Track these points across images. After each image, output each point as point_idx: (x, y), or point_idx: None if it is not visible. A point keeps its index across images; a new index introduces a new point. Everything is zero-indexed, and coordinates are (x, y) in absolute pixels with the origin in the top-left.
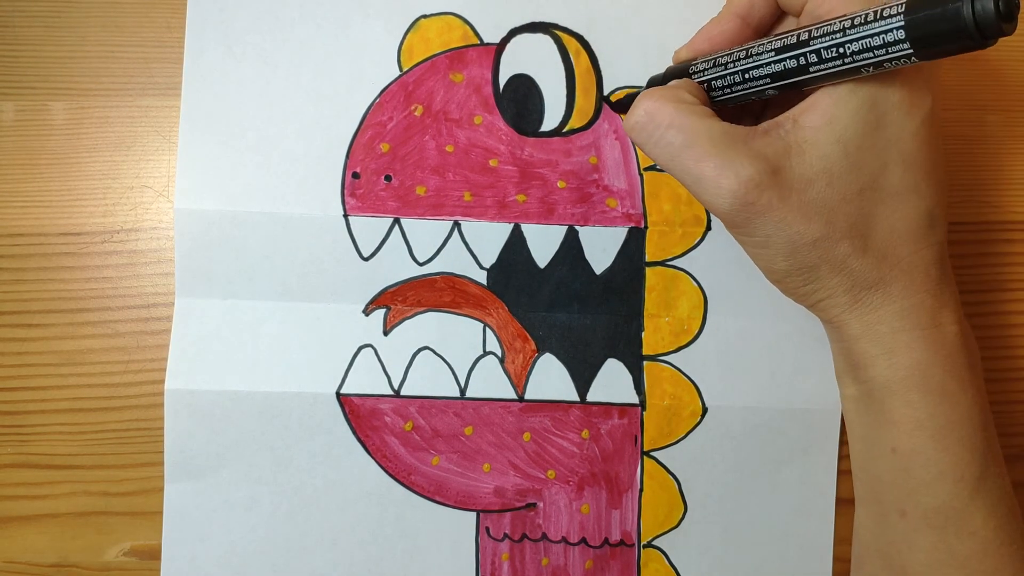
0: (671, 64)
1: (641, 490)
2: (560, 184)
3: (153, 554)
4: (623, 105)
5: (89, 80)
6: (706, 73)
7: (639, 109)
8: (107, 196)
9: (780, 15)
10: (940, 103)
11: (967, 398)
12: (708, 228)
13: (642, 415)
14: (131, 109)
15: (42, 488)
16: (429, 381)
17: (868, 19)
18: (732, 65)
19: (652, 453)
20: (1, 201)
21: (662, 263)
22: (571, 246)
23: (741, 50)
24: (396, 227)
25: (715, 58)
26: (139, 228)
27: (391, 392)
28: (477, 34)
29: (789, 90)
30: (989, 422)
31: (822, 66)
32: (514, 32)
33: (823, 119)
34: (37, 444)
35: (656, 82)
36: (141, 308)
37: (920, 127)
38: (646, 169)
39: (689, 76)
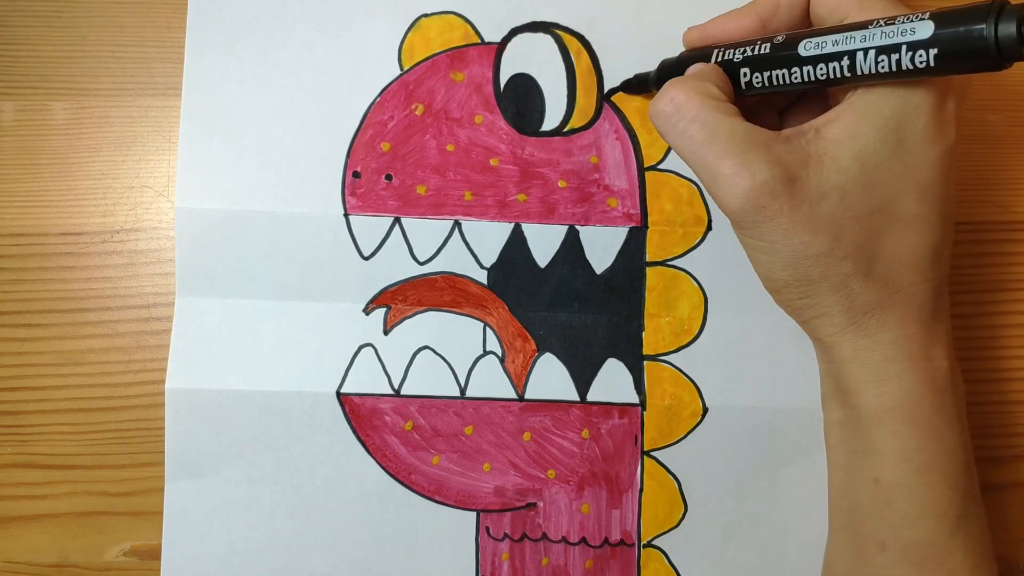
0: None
1: (641, 490)
2: (561, 184)
3: (153, 554)
4: (631, 86)
5: (89, 80)
6: (735, 60)
7: (666, 97)
8: (107, 196)
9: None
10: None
11: (953, 435)
12: (709, 228)
13: (642, 415)
14: (131, 109)
15: (42, 488)
16: (429, 380)
17: (899, 21)
18: (759, 48)
19: (652, 453)
20: (1, 201)
21: (663, 263)
22: (572, 246)
23: (773, 39)
24: (396, 226)
25: (742, 46)
26: (139, 228)
27: (391, 391)
28: (478, 33)
29: (816, 86)
30: (971, 462)
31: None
32: (515, 31)
33: (845, 133)
34: (37, 444)
35: (668, 66)
36: (141, 308)
37: (940, 159)
38: (647, 169)
39: (713, 63)
